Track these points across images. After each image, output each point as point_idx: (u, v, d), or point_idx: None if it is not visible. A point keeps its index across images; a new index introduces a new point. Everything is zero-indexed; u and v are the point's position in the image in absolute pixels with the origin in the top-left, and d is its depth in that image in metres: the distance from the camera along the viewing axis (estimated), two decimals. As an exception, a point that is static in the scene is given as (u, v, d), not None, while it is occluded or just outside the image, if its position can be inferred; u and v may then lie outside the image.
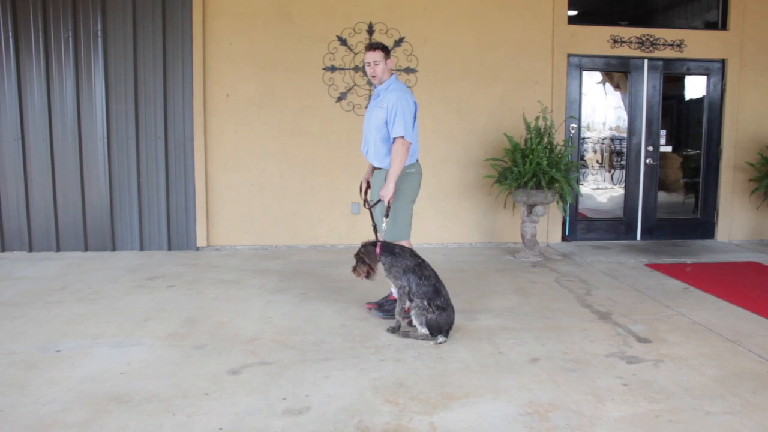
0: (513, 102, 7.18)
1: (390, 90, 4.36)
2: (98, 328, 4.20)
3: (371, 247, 4.15)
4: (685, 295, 5.13)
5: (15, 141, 6.67)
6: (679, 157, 8.00)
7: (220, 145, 6.95)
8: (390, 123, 4.28)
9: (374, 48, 4.38)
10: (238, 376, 3.39)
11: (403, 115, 4.25)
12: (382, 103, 4.32)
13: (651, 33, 7.38)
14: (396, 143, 4.27)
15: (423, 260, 4.12)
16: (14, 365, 3.53)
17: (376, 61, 4.34)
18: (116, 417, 2.88)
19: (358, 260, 4.19)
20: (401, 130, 4.24)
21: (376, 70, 4.36)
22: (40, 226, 6.80)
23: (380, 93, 4.42)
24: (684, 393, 3.19)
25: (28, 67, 6.63)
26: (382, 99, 4.35)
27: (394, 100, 4.27)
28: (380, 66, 4.35)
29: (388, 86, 4.40)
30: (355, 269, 4.20)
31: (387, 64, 4.38)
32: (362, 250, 4.17)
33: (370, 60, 4.36)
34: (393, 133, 4.27)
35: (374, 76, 4.39)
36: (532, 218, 6.59)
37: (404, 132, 4.23)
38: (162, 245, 6.92)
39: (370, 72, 4.39)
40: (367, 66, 4.40)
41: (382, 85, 4.42)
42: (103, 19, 6.62)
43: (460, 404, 3.05)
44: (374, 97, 4.51)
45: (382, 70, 4.37)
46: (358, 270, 4.19)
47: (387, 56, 4.38)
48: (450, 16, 7.08)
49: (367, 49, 4.42)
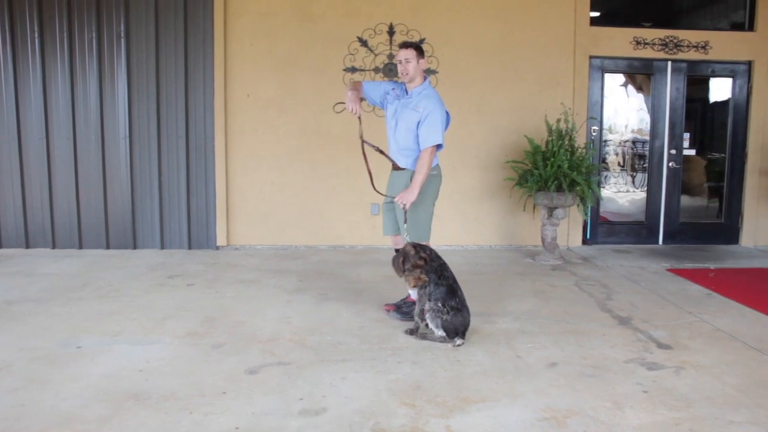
0: (534, 104, 7.14)
1: (425, 95, 4.33)
2: (118, 325, 4.24)
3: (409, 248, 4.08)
4: (707, 301, 5.06)
5: (40, 140, 6.76)
6: (703, 160, 7.90)
7: (241, 145, 6.98)
8: (423, 129, 4.25)
9: (407, 46, 4.37)
10: (256, 375, 3.40)
11: (438, 123, 4.24)
12: (418, 107, 4.28)
13: (675, 34, 7.29)
14: (426, 151, 4.24)
15: (444, 262, 4.10)
16: (36, 360, 3.57)
17: (407, 58, 4.31)
18: (134, 414, 2.90)
19: (413, 267, 3.98)
20: (436, 139, 4.22)
21: (408, 67, 4.32)
22: (63, 224, 6.88)
23: (413, 95, 4.38)
24: (705, 401, 3.14)
25: (53, 67, 6.72)
26: (417, 103, 4.31)
27: (431, 108, 4.24)
28: (411, 64, 4.32)
29: (422, 90, 4.36)
30: (418, 278, 3.98)
31: (419, 64, 4.36)
32: (410, 251, 4.01)
33: (401, 57, 4.33)
34: (427, 141, 4.24)
35: (405, 74, 4.35)
36: (552, 221, 6.54)
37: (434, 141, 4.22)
38: (182, 244, 6.97)
39: (402, 70, 4.35)
40: (398, 64, 4.37)
41: (416, 88, 4.38)
42: (126, 20, 6.68)
43: (477, 408, 3.03)
44: (403, 96, 4.46)
45: (414, 69, 4.33)
46: (413, 278, 4.00)
47: (420, 56, 4.36)
48: (471, 18, 7.06)
49: (400, 47, 4.41)
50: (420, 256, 4.00)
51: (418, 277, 3.98)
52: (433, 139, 4.22)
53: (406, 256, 4.01)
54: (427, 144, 4.24)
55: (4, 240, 6.86)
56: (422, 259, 3.99)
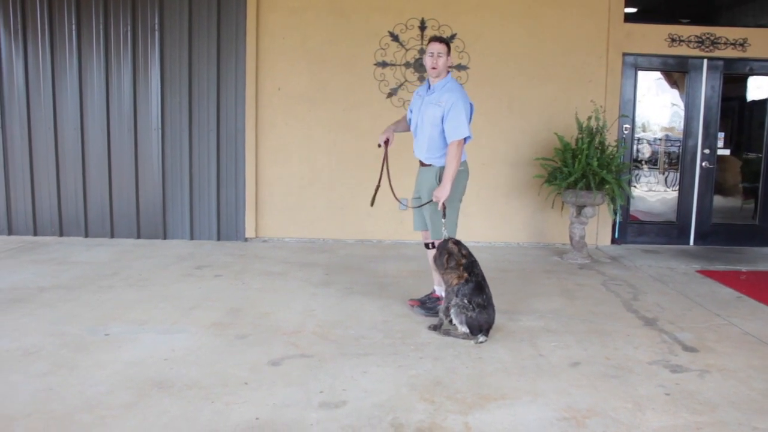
0: (565, 100, 7.07)
1: (447, 89, 4.31)
2: (146, 314, 4.32)
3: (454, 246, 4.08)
4: (737, 304, 4.98)
5: (75, 131, 6.91)
6: (739, 160, 7.75)
7: (271, 139, 7.04)
8: (448, 123, 4.24)
9: (441, 40, 4.35)
10: (278, 367, 3.44)
11: (463, 115, 4.22)
12: (441, 101, 4.27)
13: (712, 31, 7.15)
14: (453, 144, 4.23)
15: (475, 259, 4.09)
16: (65, 346, 3.66)
17: (440, 53, 4.29)
18: (158, 401, 2.96)
19: (457, 265, 3.99)
20: (463, 132, 4.21)
21: (439, 62, 4.30)
22: (96, 213, 7.03)
23: (435, 90, 4.37)
24: (730, 406, 3.09)
25: (89, 59, 6.86)
26: (439, 97, 4.30)
27: (453, 100, 4.23)
28: (443, 59, 4.30)
29: (444, 84, 4.35)
30: (461, 276, 3.97)
31: (448, 59, 4.37)
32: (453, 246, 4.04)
33: (434, 51, 4.30)
34: (453, 135, 4.22)
35: (434, 68, 4.33)
36: (581, 219, 6.49)
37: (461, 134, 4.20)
38: (211, 235, 7.06)
39: (431, 63, 4.32)
40: (429, 56, 4.33)
41: (439, 82, 4.38)
42: (160, 13, 6.78)
43: (497, 405, 3.03)
44: (426, 91, 4.45)
45: (444, 64, 4.32)
46: (455, 276, 3.99)
47: (449, 52, 4.36)
48: (503, 13, 7.01)
49: (433, 40, 4.37)
50: (462, 253, 4.02)
51: (461, 275, 3.98)
52: (460, 132, 4.21)
53: (450, 254, 4.02)
54: (453, 138, 4.22)
55: (39, 228, 7.03)
56: (464, 257, 4.01)
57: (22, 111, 6.91)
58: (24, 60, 6.86)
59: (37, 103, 6.91)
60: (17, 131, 6.94)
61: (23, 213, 7.02)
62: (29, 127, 6.93)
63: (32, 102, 6.91)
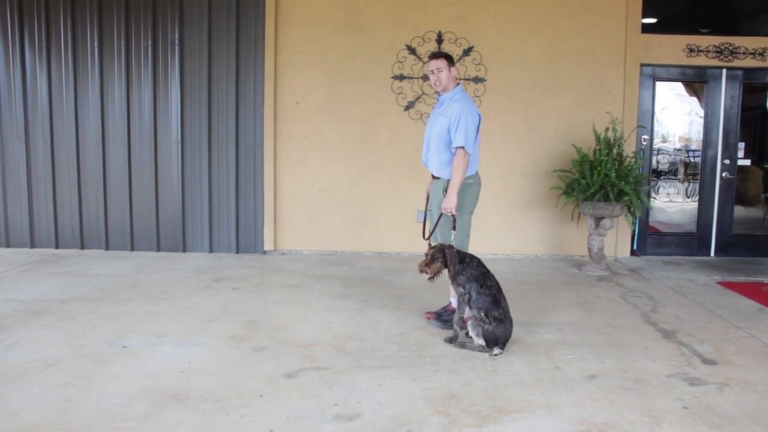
0: (583, 112, 7.05)
1: (455, 100, 4.37)
2: (164, 326, 4.36)
3: (453, 250, 4.11)
4: (759, 316, 4.91)
5: (96, 145, 7.01)
6: (760, 170, 7.65)
7: (289, 152, 7.09)
8: (453, 132, 4.28)
9: (437, 56, 4.42)
10: (293, 379, 3.46)
11: (466, 125, 4.24)
12: (446, 112, 4.33)
13: (730, 41, 7.10)
14: (457, 154, 4.26)
15: (488, 270, 4.08)
16: (84, 358, 3.71)
17: (439, 68, 4.36)
18: (173, 413, 2.99)
19: (433, 257, 4.04)
20: (462, 141, 4.23)
21: (440, 77, 4.38)
22: (116, 226, 7.12)
23: (444, 102, 4.43)
24: (749, 420, 3.05)
25: (110, 74, 6.97)
26: (446, 108, 4.36)
27: (458, 110, 4.27)
28: (443, 73, 4.36)
29: (452, 96, 4.41)
30: (428, 265, 4.03)
31: (451, 73, 4.39)
32: (447, 249, 4.07)
33: (433, 68, 4.39)
34: (455, 143, 4.27)
35: (438, 83, 4.41)
36: (599, 231, 6.44)
37: (464, 143, 4.22)
38: (230, 248, 7.11)
39: (434, 80, 4.42)
40: (430, 74, 4.45)
41: (447, 94, 4.44)
42: (180, 28, 6.89)
43: (511, 419, 3.01)
44: (438, 105, 4.52)
45: (446, 78, 4.38)
46: (431, 267, 4.03)
47: (451, 64, 4.39)
48: (520, 25, 7.02)
49: (430, 58, 4.46)
50: (442, 248, 4.06)
51: (427, 263, 4.04)
52: (458, 141, 4.25)
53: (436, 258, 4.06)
54: (456, 144, 4.28)
55: (61, 241, 7.13)
56: (443, 252, 4.04)
57: (45, 126, 7.04)
58: (48, 76, 6.99)
59: (60, 118, 7.03)
60: (40, 145, 7.06)
61: (45, 226, 7.13)
62: (52, 141, 7.05)
63: (55, 117, 7.04)
